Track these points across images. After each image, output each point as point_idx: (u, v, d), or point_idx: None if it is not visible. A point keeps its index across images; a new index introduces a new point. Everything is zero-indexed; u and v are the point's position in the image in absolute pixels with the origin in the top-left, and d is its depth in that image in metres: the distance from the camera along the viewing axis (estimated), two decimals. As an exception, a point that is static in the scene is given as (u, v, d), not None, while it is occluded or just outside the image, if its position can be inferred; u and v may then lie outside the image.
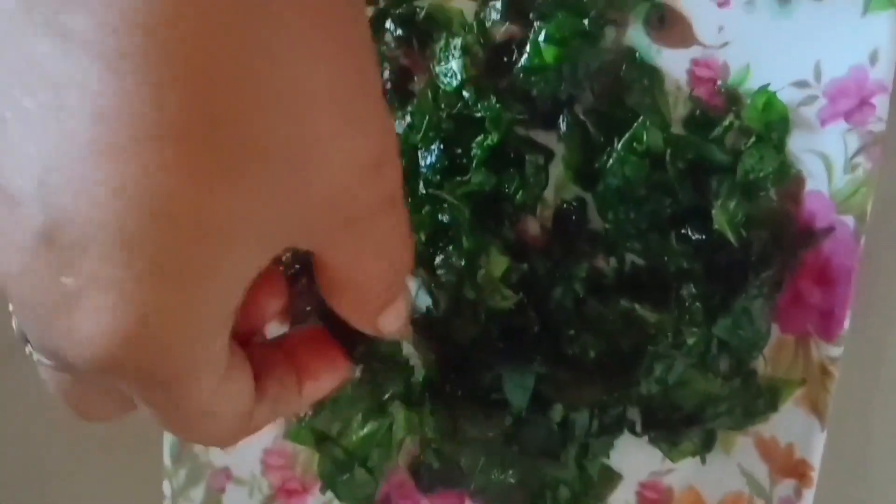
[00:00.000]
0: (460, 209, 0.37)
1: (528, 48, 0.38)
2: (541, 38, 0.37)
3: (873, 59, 0.37)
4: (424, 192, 0.39)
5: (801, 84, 0.38)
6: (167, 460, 0.42)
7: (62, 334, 0.19)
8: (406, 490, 0.44)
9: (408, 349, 0.41)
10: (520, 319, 0.40)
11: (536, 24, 0.38)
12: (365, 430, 0.42)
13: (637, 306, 0.39)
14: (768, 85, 0.39)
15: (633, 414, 0.42)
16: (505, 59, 0.38)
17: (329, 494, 0.43)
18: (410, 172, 0.39)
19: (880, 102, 0.37)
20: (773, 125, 0.39)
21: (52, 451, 0.46)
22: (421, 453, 0.43)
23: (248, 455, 0.43)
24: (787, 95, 0.39)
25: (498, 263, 0.39)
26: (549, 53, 0.37)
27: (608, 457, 0.43)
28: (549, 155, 0.40)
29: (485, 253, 0.39)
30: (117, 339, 0.19)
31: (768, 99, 0.39)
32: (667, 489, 0.43)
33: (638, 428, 0.42)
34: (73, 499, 0.46)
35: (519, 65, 0.38)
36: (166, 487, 0.42)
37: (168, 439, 0.42)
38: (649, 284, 0.40)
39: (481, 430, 0.41)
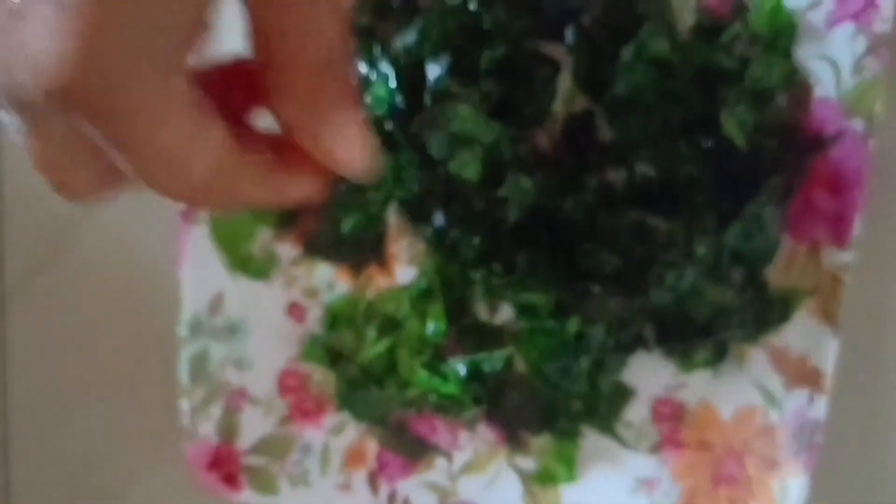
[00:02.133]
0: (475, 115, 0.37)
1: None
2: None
3: (879, -40, 0.37)
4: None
5: (808, -13, 0.39)
6: (184, 378, 0.43)
7: (13, 57, 0.20)
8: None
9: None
10: (530, 233, 0.41)
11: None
12: (379, 346, 0.43)
13: (648, 216, 0.40)
14: (774, -10, 0.39)
15: (647, 331, 0.42)
16: (511, -31, 0.39)
17: (344, 414, 0.44)
18: (418, 86, 0.39)
19: (885, 2, 0.37)
20: (781, 31, 0.39)
21: (68, 376, 0.46)
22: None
23: (263, 375, 0.43)
24: (793, 1, 0.39)
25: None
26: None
27: (621, 373, 0.43)
28: (556, 67, 0.40)
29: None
30: (63, 57, 0.19)
31: (775, 4, 0.39)
32: (680, 404, 0.43)
33: (650, 341, 0.42)
34: (92, 421, 0.47)
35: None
36: (184, 405, 0.43)
37: (185, 356, 0.42)
38: (660, 194, 0.40)
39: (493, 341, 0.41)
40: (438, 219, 0.41)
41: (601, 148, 0.40)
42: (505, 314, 0.42)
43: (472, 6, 0.39)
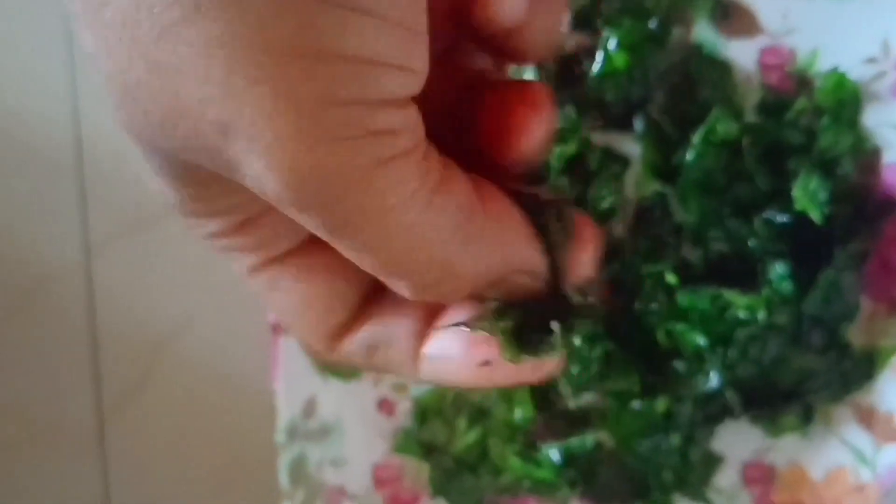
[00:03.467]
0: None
1: (598, 56, 0.39)
2: (610, 45, 0.38)
3: (940, 27, 0.38)
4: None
5: (871, 61, 0.39)
6: (284, 482, 0.44)
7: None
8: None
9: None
10: (611, 321, 0.41)
11: (605, 31, 0.39)
12: (470, 435, 0.44)
13: (725, 291, 0.40)
14: (837, 66, 0.39)
15: (733, 400, 0.43)
16: (576, 69, 0.40)
17: (440, 500, 0.45)
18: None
19: (950, 70, 0.38)
20: (845, 103, 0.40)
21: (169, 494, 0.48)
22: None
23: (359, 471, 0.44)
24: (857, 74, 0.39)
25: None
26: (619, 59, 0.38)
27: (709, 442, 0.44)
28: (626, 161, 0.41)
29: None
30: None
31: (838, 79, 0.40)
32: (770, 466, 0.44)
33: (738, 411, 0.43)
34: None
35: (591, 73, 0.39)
36: (286, 508, 0.44)
37: (284, 461, 0.44)
38: (737, 269, 0.41)
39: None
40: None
41: (676, 230, 0.41)
42: (589, 395, 0.43)
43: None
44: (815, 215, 0.39)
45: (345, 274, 0.22)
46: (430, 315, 0.22)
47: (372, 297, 0.23)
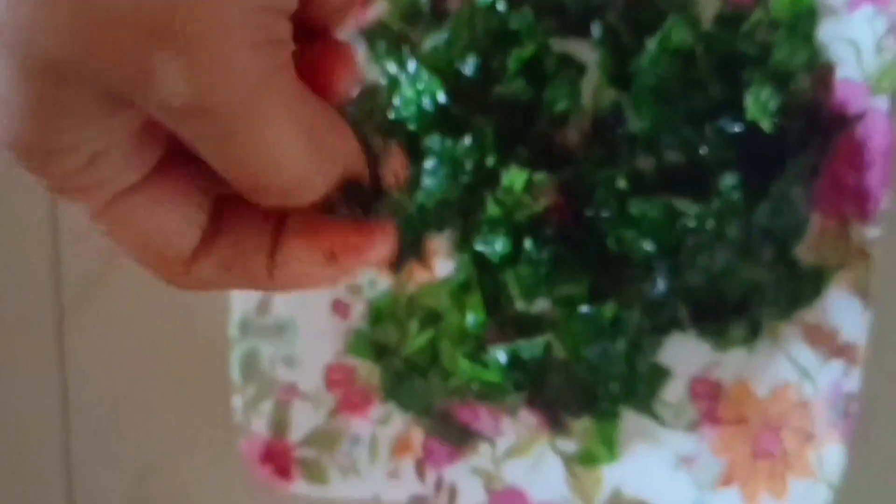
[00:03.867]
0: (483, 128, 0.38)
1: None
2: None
3: (896, -59, 0.38)
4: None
5: (827, -29, 0.40)
6: (236, 377, 0.44)
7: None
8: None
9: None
10: (562, 226, 0.42)
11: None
12: (421, 338, 0.44)
13: (678, 200, 0.41)
14: (794, -25, 0.40)
15: (682, 312, 0.43)
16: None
17: (390, 405, 0.45)
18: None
19: (905, -18, 0.38)
20: (801, 16, 0.40)
21: (125, 383, 0.48)
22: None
23: (311, 371, 0.45)
24: (813, -16, 0.40)
25: (517, 177, 0.41)
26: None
27: (657, 355, 0.44)
28: (582, 66, 0.42)
29: (504, 169, 0.40)
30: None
31: (795, -10, 0.40)
32: (716, 382, 0.44)
33: (685, 322, 0.43)
34: (150, 426, 0.48)
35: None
36: (237, 402, 0.44)
37: (236, 355, 0.44)
38: (688, 179, 0.41)
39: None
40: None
41: (630, 138, 0.42)
42: (542, 302, 0.44)
43: (501, 7, 0.40)
44: (766, 125, 0.40)
45: (193, 197, 0.23)
46: (276, 226, 0.23)
47: (218, 218, 0.23)
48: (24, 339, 0.48)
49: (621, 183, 0.41)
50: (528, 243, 0.41)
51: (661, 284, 0.41)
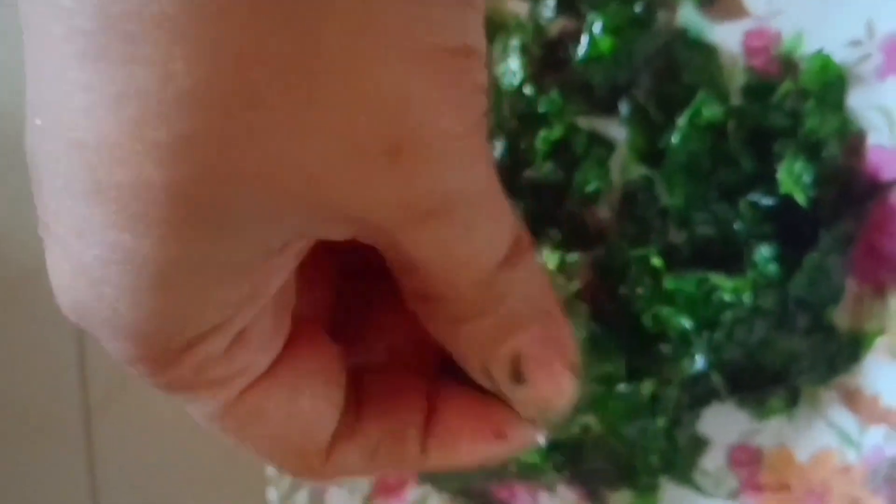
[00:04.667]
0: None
1: (583, 40, 0.39)
2: (595, 28, 0.38)
3: (924, 9, 0.38)
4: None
5: (855, 43, 0.39)
6: (269, 469, 0.44)
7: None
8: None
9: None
10: (596, 305, 0.41)
11: (589, 15, 0.39)
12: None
13: (711, 274, 0.41)
14: (822, 49, 0.39)
15: (719, 383, 0.43)
16: (561, 53, 0.39)
17: (426, 486, 0.45)
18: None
19: (935, 52, 0.38)
20: (831, 85, 0.40)
21: (156, 485, 0.48)
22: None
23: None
24: (842, 56, 0.39)
25: (550, 259, 0.40)
26: (604, 44, 0.38)
27: (696, 426, 0.44)
28: (611, 145, 0.41)
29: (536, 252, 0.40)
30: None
31: (823, 61, 0.40)
32: (756, 449, 0.44)
33: (724, 393, 0.43)
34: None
35: (576, 58, 0.39)
36: (272, 495, 0.44)
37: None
38: (723, 253, 0.41)
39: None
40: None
41: (662, 213, 0.41)
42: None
43: (528, 91, 0.39)
44: (800, 198, 0.39)
45: (329, 374, 0.19)
46: (429, 399, 0.20)
47: (357, 394, 0.20)
48: (52, 443, 0.48)
49: (655, 260, 0.41)
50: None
51: (699, 360, 0.41)
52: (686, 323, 0.41)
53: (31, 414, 0.48)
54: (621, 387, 0.42)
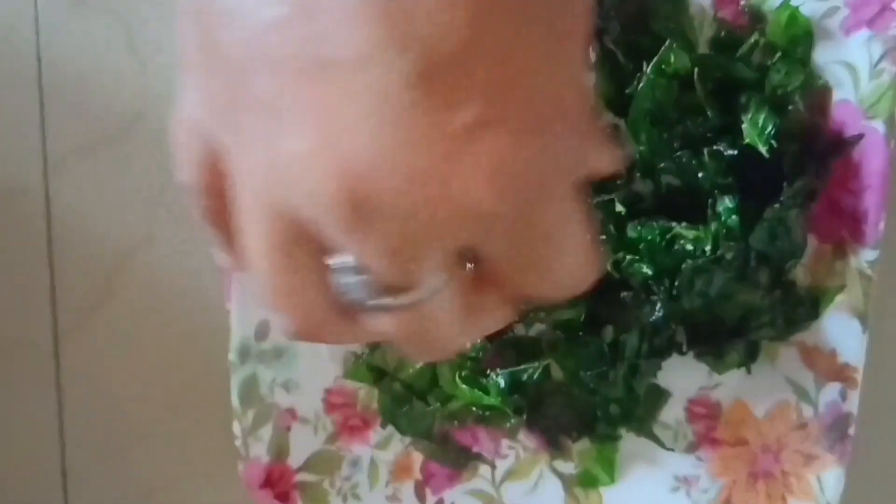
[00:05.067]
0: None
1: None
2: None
3: (891, -35, 0.38)
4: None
5: (823, -5, 0.40)
6: (235, 402, 0.44)
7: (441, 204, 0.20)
8: (463, 420, 0.45)
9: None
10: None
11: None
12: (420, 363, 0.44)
13: (675, 224, 0.41)
14: (789, 0, 0.40)
15: (679, 335, 0.43)
16: None
17: (390, 428, 0.45)
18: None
19: (900, 7, 0.38)
20: (798, 39, 0.40)
21: (124, 408, 0.48)
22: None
23: (310, 395, 0.45)
24: (809, 9, 0.40)
25: None
26: None
27: (656, 377, 0.44)
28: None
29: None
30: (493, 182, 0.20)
31: (791, 14, 0.40)
32: (715, 403, 0.44)
33: (684, 346, 0.43)
34: (149, 451, 0.48)
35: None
36: (236, 427, 0.44)
37: (236, 381, 0.44)
38: (686, 203, 0.41)
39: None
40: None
41: (627, 161, 0.42)
42: (541, 325, 0.44)
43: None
44: (763, 149, 0.40)
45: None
46: None
47: None
48: (21, 365, 0.48)
49: (619, 207, 0.41)
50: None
51: (659, 308, 0.41)
52: (647, 270, 0.41)
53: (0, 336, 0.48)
54: (581, 334, 0.42)
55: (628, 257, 0.41)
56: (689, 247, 0.41)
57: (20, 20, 0.45)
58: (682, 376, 0.44)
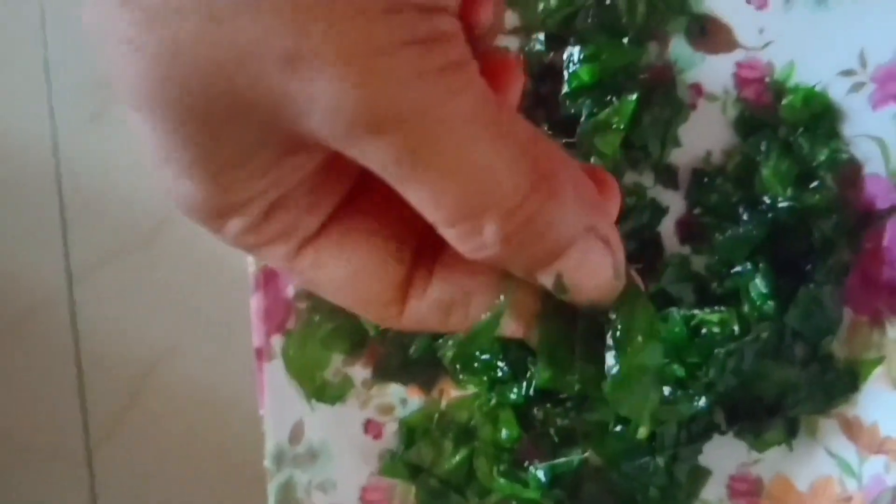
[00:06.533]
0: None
1: (565, 74, 0.39)
2: (574, 59, 0.38)
3: (916, 39, 0.38)
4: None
5: (848, 73, 0.39)
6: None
7: (308, 101, 0.18)
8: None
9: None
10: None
11: (568, 50, 0.39)
12: (457, 456, 0.44)
13: (696, 311, 0.40)
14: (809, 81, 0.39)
15: (718, 416, 0.43)
16: (548, 87, 0.39)
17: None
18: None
19: (927, 82, 0.38)
20: (819, 115, 0.40)
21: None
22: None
23: (347, 493, 0.45)
24: (835, 86, 0.39)
25: None
26: (585, 73, 0.38)
27: (696, 460, 0.43)
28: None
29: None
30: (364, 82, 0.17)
31: (807, 93, 0.39)
32: (756, 479, 0.44)
33: (723, 426, 0.43)
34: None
35: (562, 92, 0.39)
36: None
37: (273, 487, 0.44)
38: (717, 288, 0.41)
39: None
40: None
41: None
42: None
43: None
44: (780, 194, 0.39)
45: (387, 232, 0.22)
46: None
47: (426, 255, 0.22)
48: (54, 473, 0.48)
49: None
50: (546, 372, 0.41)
51: (696, 400, 0.41)
52: (679, 372, 0.40)
53: (34, 446, 0.48)
54: (616, 428, 0.42)
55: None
56: (716, 329, 0.40)
57: (38, 136, 0.44)
58: (722, 453, 0.43)
